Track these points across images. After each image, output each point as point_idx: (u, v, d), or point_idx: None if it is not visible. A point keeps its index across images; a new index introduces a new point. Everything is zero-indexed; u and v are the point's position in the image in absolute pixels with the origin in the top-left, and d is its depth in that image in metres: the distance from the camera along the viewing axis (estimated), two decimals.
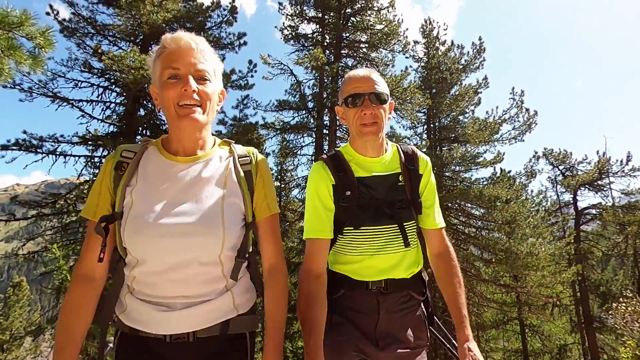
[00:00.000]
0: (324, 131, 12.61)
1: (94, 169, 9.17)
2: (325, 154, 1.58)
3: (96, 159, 8.86)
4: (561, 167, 20.63)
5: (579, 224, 19.12)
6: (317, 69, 10.50)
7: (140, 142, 1.22)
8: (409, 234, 1.46)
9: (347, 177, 1.44)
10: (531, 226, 12.81)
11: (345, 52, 13.29)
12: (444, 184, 14.98)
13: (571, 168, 20.24)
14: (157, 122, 9.56)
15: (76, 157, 8.58)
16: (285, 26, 12.97)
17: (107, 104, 9.07)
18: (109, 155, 1.20)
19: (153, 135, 9.64)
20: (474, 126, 13.90)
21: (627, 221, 16.61)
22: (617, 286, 18.45)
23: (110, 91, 9.21)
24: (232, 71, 9.61)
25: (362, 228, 1.43)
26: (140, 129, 9.28)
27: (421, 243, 1.60)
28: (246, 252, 1.16)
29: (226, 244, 1.09)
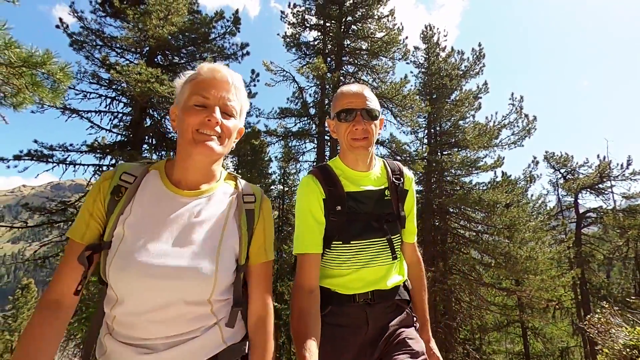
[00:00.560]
0: (326, 137, 12.85)
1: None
2: (315, 167, 1.61)
3: (104, 167, 9.15)
4: (562, 171, 20.72)
5: (580, 227, 19.21)
6: (319, 78, 10.74)
7: (141, 163, 1.16)
8: (395, 247, 1.51)
9: (337, 191, 1.46)
10: (530, 230, 12.95)
11: (346, 59, 13.54)
12: (444, 188, 15.18)
13: (572, 171, 20.33)
14: (163, 130, 9.85)
15: (85, 166, 8.88)
16: (288, 35, 13.23)
17: (115, 114, 9.38)
18: (107, 173, 1.11)
19: (158, 143, 9.93)
20: (473, 131, 14.08)
21: (627, 225, 16.69)
22: (618, 289, 18.53)
23: (117, 101, 9.51)
24: None
25: (352, 242, 1.45)
26: (147, 137, 9.57)
27: None
28: (239, 299, 1.11)
29: (217, 288, 1.04)
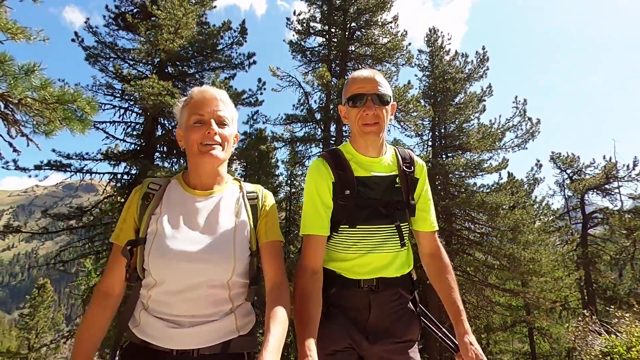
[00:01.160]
0: (331, 142, 13.15)
1: (116, 183, 9.92)
2: (325, 151, 1.61)
3: (119, 175, 9.58)
4: (569, 171, 20.71)
5: (587, 228, 19.21)
6: (324, 85, 11.03)
7: (164, 176, 1.41)
8: (404, 235, 1.51)
9: (346, 175, 1.46)
10: (534, 233, 13.09)
11: (351, 64, 13.79)
12: (449, 190, 15.36)
13: (579, 172, 20.31)
14: (174, 139, 10.25)
15: (101, 174, 9.32)
16: (293, 42, 13.53)
17: (128, 124, 9.80)
18: (137, 187, 1.35)
19: (169, 151, 10.33)
20: (477, 134, 14.25)
21: (634, 226, 16.68)
22: (625, 290, 18.49)
23: (130, 112, 9.94)
24: (243, 92, 10.22)
25: (358, 227, 1.46)
26: (159, 146, 9.97)
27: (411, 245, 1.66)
28: (256, 279, 1.31)
29: (236, 270, 1.23)
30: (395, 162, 1.56)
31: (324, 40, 14.05)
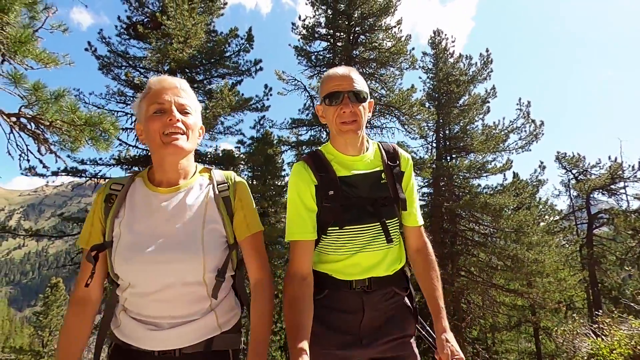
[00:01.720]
0: None
1: None
2: (306, 153, 1.59)
3: None
4: (574, 171, 20.75)
5: (592, 228, 19.24)
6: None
7: (128, 175, 1.33)
8: (391, 231, 1.47)
9: (329, 176, 1.44)
10: (538, 234, 13.21)
11: (355, 68, 13.99)
12: (453, 191, 15.52)
13: (584, 172, 20.33)
14: None
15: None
16: (299, 47, 13.77)
17: None
18: (100, 188, 1.30)
19: None
20: (480, 136, 14.39)
21: (639, 226, 16.69)
22: (631, 290, 18.48)
23: None
24: (250, 98, 10.51)
25: (346, 227, 1.43)
26: None
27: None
28: (225, 272, 1.24)
29: (207, 267, 1.18)
30: (379, 158, 1.53)
31: (328, 45, 14.28)
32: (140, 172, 1.34)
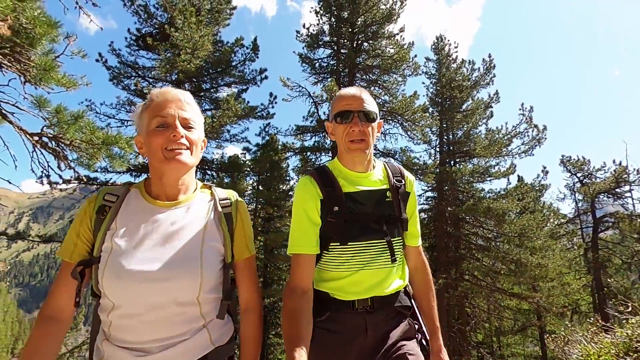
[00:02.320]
0: None
1: None
2: (313, 168, 1.60)
3: None
4: (579, 175, 20.71)
5: (597, 232, 19.19)
6: (332, 98, 11.49)
7: (122, 185, 1.26)
8: (396, 250, 1.47)
9: (334, 192, 1.44)
10: (541, 239, 13.27)
11: (358, 76, 14.23)
12: (456, 196, 15.63)
13: (589, 175, 20.30)
14: None
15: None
16: (303, 55, 14.02)
17: None
18: (91, 197, 1.20)
19: None
20: (483, 141, 14.51)
21: None
22: (638, 295, 18.41)
23: None
24: (256, 107, 10.78)
25: (350, 243, 1.42)
26: None
27: None
28: (231, 295, 1.22)
29: (204, 286, 1.12)
30: (385, 177, 1.55)
31: (332, 52, 14.52)
32: (136, 183, 1.28)
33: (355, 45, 14.04)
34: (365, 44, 14.17)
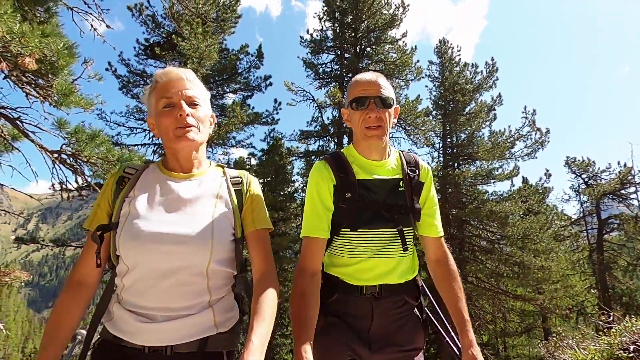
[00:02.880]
0: None
1: None
2: (328, 154, 1.58)
3: None
4: (584, 176, 20.68)
5: (602, 234, 19.16)
6: (336, 104, 11.70)
7: (142, 163, 1.35)
8: (407, 239, 1.46)
9: (348, 178, 1.44)
10: (544, 241, 13.35)
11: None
12: (460, 199, 15.74)
13: (594, 177, 20.26)
14: None
15: None
16: (307, 60, 14.24)
17: (157, 145, 10.74)
18: (113, 171, 1.29)
19: None
20: (487, 144, 14.61)
21: None
22: None
23: None
24: (261, 114, 11.03)
25: (360, 230, 1.42)
26: None
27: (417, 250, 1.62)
28: (238, 264, 1.23)
29: (214, 254, 1.14)
30: (399, 166, 1.54)
31: (335, 57, 14.73)
32: (154, 161, 1.35)
33: (358, 50, 14.24)
34: (369, 49, 14.36)
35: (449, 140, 16.62)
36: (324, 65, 14.73)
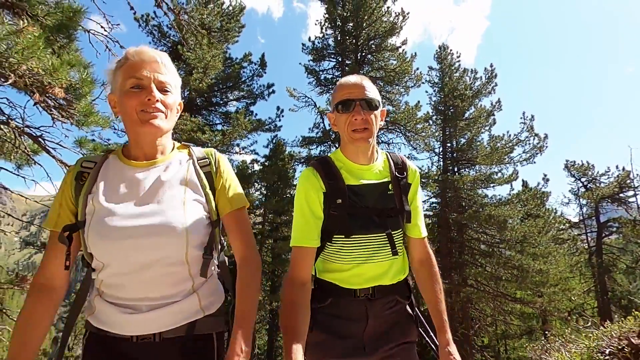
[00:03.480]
0: None
1: None
2: (315, 159, 1.57)
3: None
4: (583, 180, 20.86)
5: (601, 237, 19.33)
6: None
7: (100, 153, 1.26)
8: (396, 243, 1.47)
9: (337, 184, 1.43)
10: (542, 245, 13.55)
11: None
12: (460, 202, 15.95)
13: (593, 180, 20.44)
14: None
15: None
16: (308, 67, 14.52)
17: None
18: (70, 167, 1.22)
19: None
20: (485, 149, 14.84)
21: None
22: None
23: None
24: (264, 121, 11.31)
25: (353, 236, 1.43)
26: None
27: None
28: (212, 249, 1.19)
29: (190, 242, 1.11)
30: (387, 168, 1.53)
31: (336, 64, 15.00)
32: (114, 150, 1.27)
33: (359, 57, 14.50)
34: (369, 56, 14.62)
35: (448, 144, 16.86)
36: (325, 72, 15.01)
